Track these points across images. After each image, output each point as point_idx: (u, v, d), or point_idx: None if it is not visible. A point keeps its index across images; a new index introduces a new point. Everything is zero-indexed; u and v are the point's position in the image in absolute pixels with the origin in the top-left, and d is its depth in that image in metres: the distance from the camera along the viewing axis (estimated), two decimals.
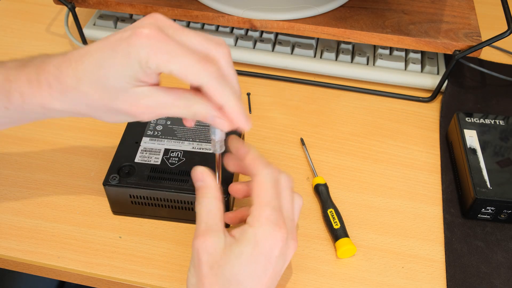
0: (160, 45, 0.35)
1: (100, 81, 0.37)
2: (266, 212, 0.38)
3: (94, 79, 0.37)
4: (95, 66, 0.37)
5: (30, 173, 0.55)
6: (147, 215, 0.51)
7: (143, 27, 0.36)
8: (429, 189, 0.55)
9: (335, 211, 0.51)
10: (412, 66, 0.66)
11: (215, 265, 0.37)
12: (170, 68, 0.36)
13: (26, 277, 0.71)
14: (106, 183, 0.48)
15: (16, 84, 0.39)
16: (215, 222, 0.39)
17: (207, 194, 0.40)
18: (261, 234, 0.37)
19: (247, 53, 0.67)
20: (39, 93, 0.39)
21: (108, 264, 0.48)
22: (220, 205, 0.40)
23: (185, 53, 0.36)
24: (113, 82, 0.37)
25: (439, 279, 0.48)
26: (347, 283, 0.47)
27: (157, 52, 0.35)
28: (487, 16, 0.76)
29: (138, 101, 0.37)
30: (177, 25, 0.38)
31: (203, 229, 0.39)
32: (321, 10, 0.63)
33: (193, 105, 0.38)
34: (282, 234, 0.38)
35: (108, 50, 0.36)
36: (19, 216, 0.52)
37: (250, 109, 0.63)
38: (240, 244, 0.38)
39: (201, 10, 0.63)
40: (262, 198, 0.39)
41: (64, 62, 0.38)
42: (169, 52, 0.35)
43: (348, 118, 0.63)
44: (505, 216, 0.51)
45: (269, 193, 0.39)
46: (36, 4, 0.78)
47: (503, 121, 0.57)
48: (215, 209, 0.40)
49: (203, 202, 0.40)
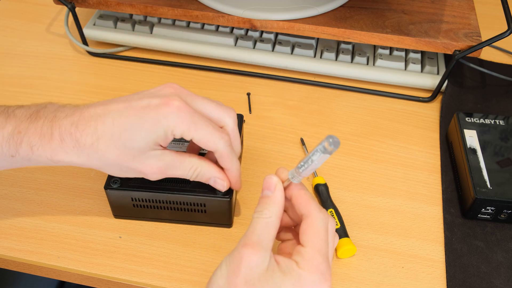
0: (187, 116, 0.40)
1: (122, 142, 0.40)
2: (318, 260, 0.38)
3: (115, 140, 0.40)
4: (119, 129, 0.40)
5: (30, 173, 0.55)
6: (148, 218, 0.51)
7: (173, 99, 0.40)
8: (429, 189, 0.55)
9: (335, 211, 0.51)
10: (412, 66, 0.66)
11: (251, 281, 0.36)
12: (192, 135, 0.41)
13: (26, 277, 0.71)
14: (108, 186, 0.48)
15: (27, 137, 0.40)
16: (268, 240, 0.38)
17: (271, 207, 0.39)
18: (309, 280, 0.37)
19: (247, 53, 0.67)
20: (49, 146, 0.40)
21: (108, 264, 0.48)
22: (278, 225, 0.39)
23: (205, 124, 0.41)
24: (136, 144, 0.40)
25: (439, 279, 0.48)
26: (347, 283, 0.47)
27: (184, 122, 0.40)
28: (487, 16, 0.76)
29: (152, 162, 0.42)
30: (192, 94, 0.43)
31: (255, 240, 0.37)
32: (321, 10, 0.63)
33: (197, 168, 0.43)
34: (326, 286, 0.37)
35: (135, 116, 0.40)
36: (19, 216, 0.52)
37: (250, 109, 0.63)
38: (283, 276, 0.37)
39: (201, 10, 0.63)
40: (315, 243, 0.38)
41: (81, 120, 0.40)
42: (194, 123, 0.41)
43: (348, 118, 0.63)
44: (505, 216, 0.51)
45: (322, 240, 0.39)
46: (36, 4, 0.78)
47: (503, 121, 0.57)
48: (272, 226, 0.39)
49: (265, 214, 0.39)
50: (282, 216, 0.42)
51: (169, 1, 0.64)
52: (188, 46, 0.68)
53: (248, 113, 0.63)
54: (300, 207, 0.40)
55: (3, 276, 0.71)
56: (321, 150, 0.37)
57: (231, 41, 0.68)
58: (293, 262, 0.38)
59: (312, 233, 0.39)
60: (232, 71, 0.68)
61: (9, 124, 0.40)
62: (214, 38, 0.68)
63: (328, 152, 0.37)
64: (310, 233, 0.39)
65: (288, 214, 0.43)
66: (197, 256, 0.49)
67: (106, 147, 0.40)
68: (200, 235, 0.50)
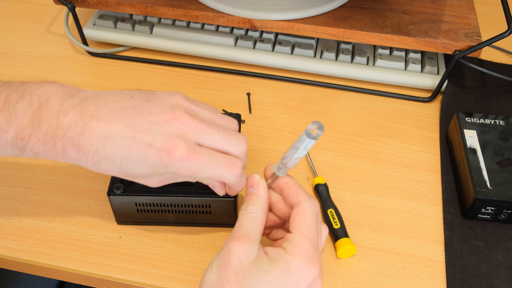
0: (192, 164, 0.39)
1: (122, 170, 0.40)
2: (305, 244, 0.38)
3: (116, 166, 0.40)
4: (119, 158, 0.39)
5: (30, 173, 0.55)
6: (152, 222, 0.51)
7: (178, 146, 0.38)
8: (429, 189, 0.55)
9: (335, 211, 0.51)
10: (412, 66, 0.66)
11: (241, 272, 0.37)
12: (198, 179, 0.41)
13: (26, 277, 0.71)
14: (111, 193, 0.47)
15: (30, 144, 0.39)
16: (254, 231, 0.39)
17: (256, 203, 0.41)
18: (296, 263, 0.37)
19: (247, 53, 0.67)
20: (53, 153, 0.40)
21: (108, 264, 0.48)
22: (264, 218, 0.40)
23: (212, 164, 0.40)
24: (136, 174, 0.41)
25: (439, 279, 0.48)
26: (347, 283, 0.47)
27: (188, 171, 0.39)
28: (487, 16, 0.76)
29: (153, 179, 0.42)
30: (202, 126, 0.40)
31: (241, 233, 0.38)
32: (321, 10, 0.63)
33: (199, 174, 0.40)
34: (315, 271, 0.38)
35: (137, 152, 0.39)
36: (19, 216, 0.52)
37: (250, 109, 0.63)
38: (271, 264, 0.37)
39: (201, 10, 0.63)
40: (302, 229, 0.39)
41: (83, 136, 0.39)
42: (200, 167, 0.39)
43: (348, 118, 0.63)
44: (505, 216, 0.51)
45: (311, 226, 0.39)
46: (36, 4, 0.78)
47: (503, 121, 0.57)
48: (258, 220, 0.40)
49: (249, 209, 0.40)
50: (271, 215, 0.43)
51: (169, 1, 0.64)
52: (188, 46, 0.68)
53: (248, 113, 0.63)
54: (290, 197, 0.41)
55: (3, 276, 0.71)
56: (307, 135, 0.37)
57: (231, 41, 0.68)
58: (281, 249, 0.39)
59: (300, 219, 0.40)
60: (232, 71, 0.68)
61: (11, 128, 0.39)
62: (214, 38, 0.68)
63: (313, 137, 0.37)
64: (298, 219, 0.40)
65: (278, 212, 0.43)
66: (197, 256, 0.49)
67: (107, 169, 0.40)
68: (200, 235, 0.50)
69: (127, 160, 0.39)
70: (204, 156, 0.39)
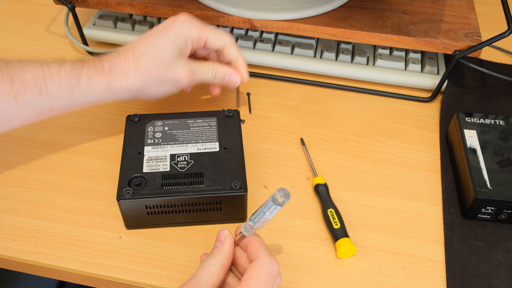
0: (197, 22, 0.53)
1: (155, 54, 0.50)
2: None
3: (150, 54, 0.50)
4: (150, 46, 0.50)
5: (30, 173, 0.55)
6: (162, 224, 0.50)
7: (181, 14, 0.52)
8: (429, 189, 0.55)
9: (335, 211, 0.51)
10: (412, 66, 0.66)
11: None
12: (205, 35, 0.53)
13: (26, 277, 0.71)
14: (121, 197, 0.47)
15: (84, 69, 0.49)
16: (206, 284, 0.39)
17: (217, 256, 0.41)
18: None
19: (247, 53, 0.67)
20: (103, 76, 0.49)
21: (108, 264, 0.48)
22: (221, 274, 0.41)
23: (212, 26, 0.54)
24: (166, 53, 0.50)
25: (439, 279, 0.48)
26: (347, 283, 0.47)
27: (196, 27, 0.52)
28: (487, 16, 0.76)
29: (182, 68, 0.51)
30: None
31: (193, 282, 0.39)
32: (321, 10, 0.63)
33: (214, 68, 0.54)
34: None
35: (158, 34, 0.51)
36: (19, 216, 0.52)
37: (250, 109, 0.63)
38: None
39: (201, 10, 0.63)
40: (252, 283, 0.39)
41: (121, 52, 0.50)
42: (204, 26, 0.53)
43: (348, 118, 0.63)
44: (505, 216, 0.51)
45: (260, 281, 0.39)
46: (36, 4, 0.78)
47: (503, 121, 0.57)
48: (214, 274, 0.40)
49: (209, 261, 0.41)
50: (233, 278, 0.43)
51: (169, 1, 0.64)
52: None
53: (248, 113, 0.63)
54: (251, 253, 0.41)
55: (3, 276, 0.71)
56: (273, 201, 0.40)
57: None
58: None
59: (251, 273, 0.39)
60: None
61: (66, 63, 0.48)
62: None
63: (279, 204, 0.40)
64: (250, 272, 0.40)
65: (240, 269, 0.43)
66: (197, 256, 0.49)
67: (146, 63, 0.50)
68: (200, 235, 0.50)
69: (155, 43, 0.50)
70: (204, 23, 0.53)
